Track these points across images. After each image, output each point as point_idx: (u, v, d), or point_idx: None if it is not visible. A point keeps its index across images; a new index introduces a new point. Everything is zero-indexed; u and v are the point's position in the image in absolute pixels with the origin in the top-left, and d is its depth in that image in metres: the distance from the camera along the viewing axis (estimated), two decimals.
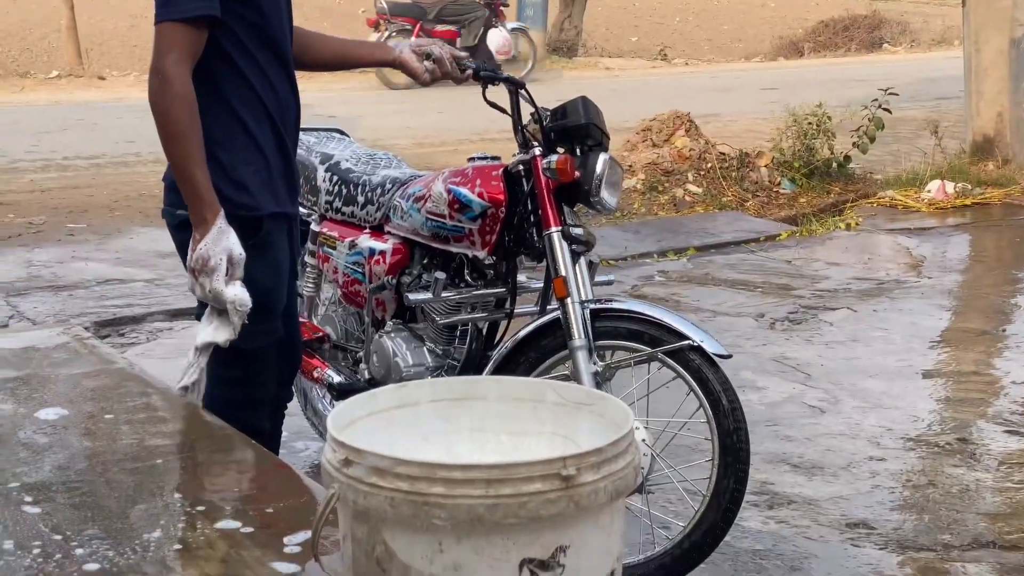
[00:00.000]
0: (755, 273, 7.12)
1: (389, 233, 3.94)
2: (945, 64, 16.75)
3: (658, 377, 3.42)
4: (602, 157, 3.45)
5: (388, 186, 3.97)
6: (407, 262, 3.89)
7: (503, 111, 3.57)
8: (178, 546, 2.20)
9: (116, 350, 5.41)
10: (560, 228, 3.44)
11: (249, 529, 2.25)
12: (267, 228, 2.97)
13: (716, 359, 3.31)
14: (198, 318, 3.11)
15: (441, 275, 3.66)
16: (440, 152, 9.12)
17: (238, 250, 2.81)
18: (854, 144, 9.38)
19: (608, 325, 3.39)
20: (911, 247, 7.82)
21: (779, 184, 9.38)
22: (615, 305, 3.46)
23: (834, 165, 9.52)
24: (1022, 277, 7.31)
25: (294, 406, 4.16)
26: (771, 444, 4.45)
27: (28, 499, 2.41)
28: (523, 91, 3.55)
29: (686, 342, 3.25)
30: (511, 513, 1.55)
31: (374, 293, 3.91)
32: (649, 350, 3.33)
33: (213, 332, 2.96)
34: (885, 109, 9.19)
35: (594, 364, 3.33)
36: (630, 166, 9.34)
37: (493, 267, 3.69)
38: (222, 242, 2.78)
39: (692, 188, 9.18)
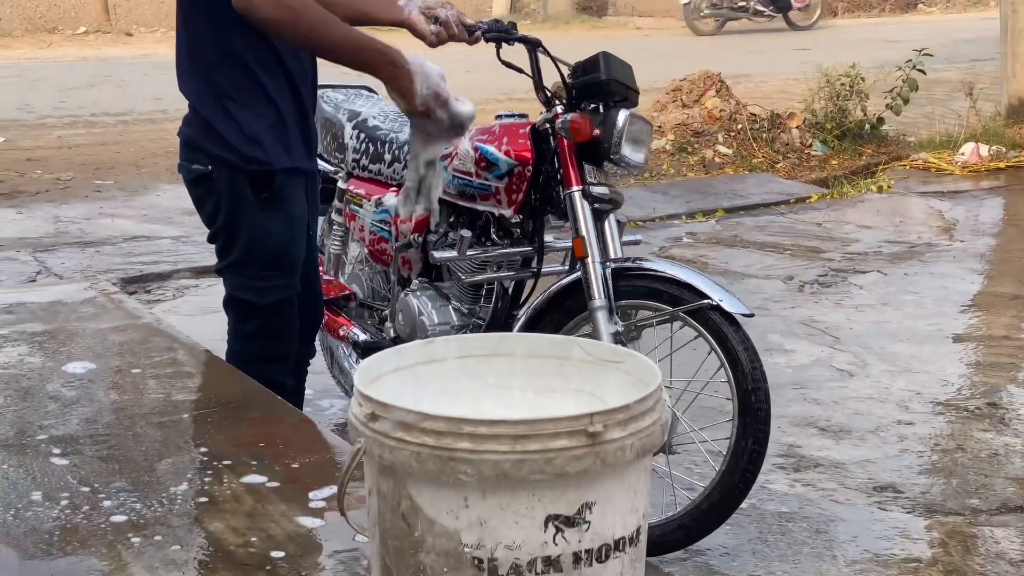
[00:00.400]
0: (784, 235, 7.07)
1: None
2: (981, 25, 16.56)
3: (681, 337, 3.38)
4: (622, 114, 3.38)
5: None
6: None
7: (520, 71, 3.51)
8: (204, 499, 2.21)
9: (143, 306, 5.43)
10: (580, 188, 3.39)
11: (275, 484, 2.26)
12: (280, 183, 2.96)
13: (738, 318, 3.25)
14: (219, 272, 3.11)
15: (467, 233, 3.64)
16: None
17: (438, 69, 2.81)
18: (887, 106, 9.26)
19: (629, 285, 3.34)
20: (943, 210, 7.74)
21: (810, 146, 9.29)
22: (636, 264, 3.40)
23: (867, 127, 9.42)
24: None
25: (320, 364, 4.17)
26: (798, 407, 4.43)
27: (56, 451, 2.43)
28: (541, 48, 3.50)
29: (706, 301, 3.18)
30: (537, 469, 1.54)
31: (400, 251, 3.90)
32: (670, 309, 3.28)
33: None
34: (919, 70, 9.07)
35: (615, 324, 3.29)
36: (659, 127, 9.27)
37: (520, 226, 3.66)
38: (428, 71, 2.77)
39: (722, 149, 9.11)
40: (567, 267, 3.65)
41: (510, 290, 3.80)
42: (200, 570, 1.98)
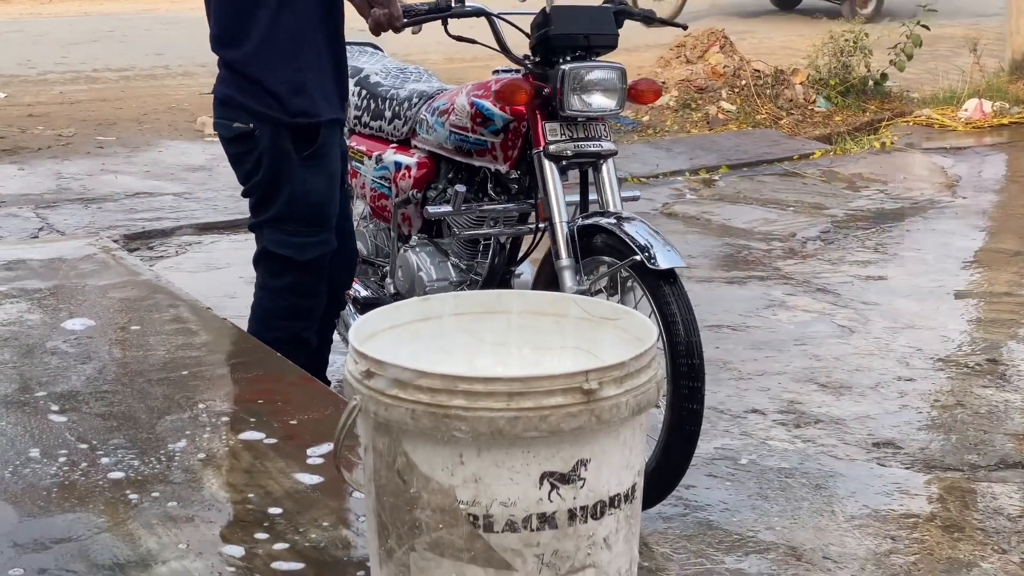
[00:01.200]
0: (787, 192, 7.05)
1: (415, 147, 3.90)
2: None
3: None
4: (561, 68, 3.30)
5: (415, 100, 3.92)
6: (432, 176, 3.85)
7: (473, 42, 3.46)
8: (202, 456, 2.21)
9: (145, 263, 5.43)
10: (541, 148, 3.35)
11: (272, 440, 2.26)
12: (323, 137, 3.00)
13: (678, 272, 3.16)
14: (252, 229, 3.11)
15: (461, 188, 3.63)
16: (472, 67, 9.03)
17: None
18: (891, 62, 9.21)
19: (592, 241, 3.29)
20: (946, 166, 7.71)
21: (814, 102, 9.24)
22: (591, 221, 3.32)
23: (870, 83, 9.37)
24: None
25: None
26: (799, 363, 4.43)
27: (55, 408, 2.43)
28: (496, 17, 3.45)
29: (635, 256, 3.10)
30: (532, 426, 1.54)
31: (399, 207, 3.89)
32: (613, 265, 3.22)
33: None
34: (923, 26, 9.01)
35: (579, 283, 3.26)
36: (663, 83, 9.21)
37: (517, 181, 3.64)
38: None
39: (726, 105, 9.07)
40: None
41: (507, 246, 3.79)
42: (198, 526, 1.98)
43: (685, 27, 3.83)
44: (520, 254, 3.85)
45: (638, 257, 3.07)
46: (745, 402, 4.10)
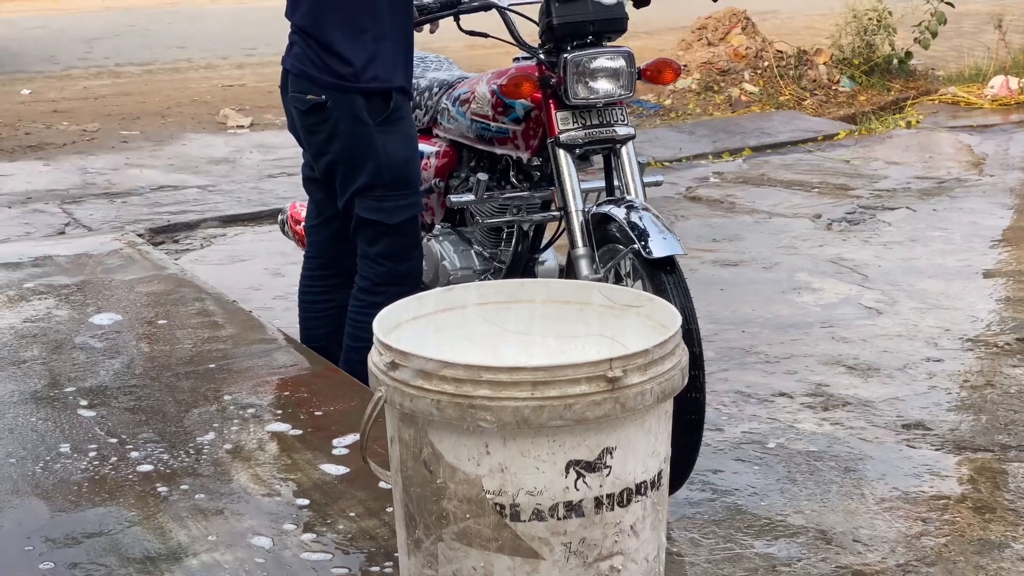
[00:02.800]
0: (812, 173, 7.00)
1: (437, 136, 3.90)
2: None
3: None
4: (563, 58, 3.28)
5: (436, 89, 3.92)
6: (455, 165, 3.85)
7: (485, 35, 3.46)
8: (230, 448, 2.23)
9: (170, 256, 5.45)
10: (554, 138, 3.34)
11: (299, 432, 2.27)
12: (396, 102, 3.11)
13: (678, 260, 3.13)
14: (346, 204, 3.17)
15: (483, 177, 3.62)
16: (493, 54, 9.01)
17: None
18: (915, 40, 9.13)
19: (607, 229, 3.28)
20: (973, 144, 7.64)
21: (838, 82, 9.18)
22: (604, 210, 3.24)
23: (895, 62, 9.29)
24: None
25: None
26: (826, 346, 4.41)
27: (84, 403, 2.45)
28: (505, 9, 3.45)
29: (633, 245, 3.07)
30: (557, 415, 1.54)
31: (422, 196, 3.89)
32: (623, 251, 3.20)
33: None
34: (948, 3, 8.92)
35: (596, 272, 3.25)
36: (685, 65, 9.17)
37: (539, 168, 3.63)
38: None
39: (748, 87, 9.02)
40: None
41: (531, 233, 3.78)
42: (227, 519, 1.99)
43: None
44: (544, 241, 3.84)
45: (636, 245, 3.06)
46: (772, 386, 4.08)
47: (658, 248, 3.02)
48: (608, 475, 1.59)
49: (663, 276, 3.04)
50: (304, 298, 3.37)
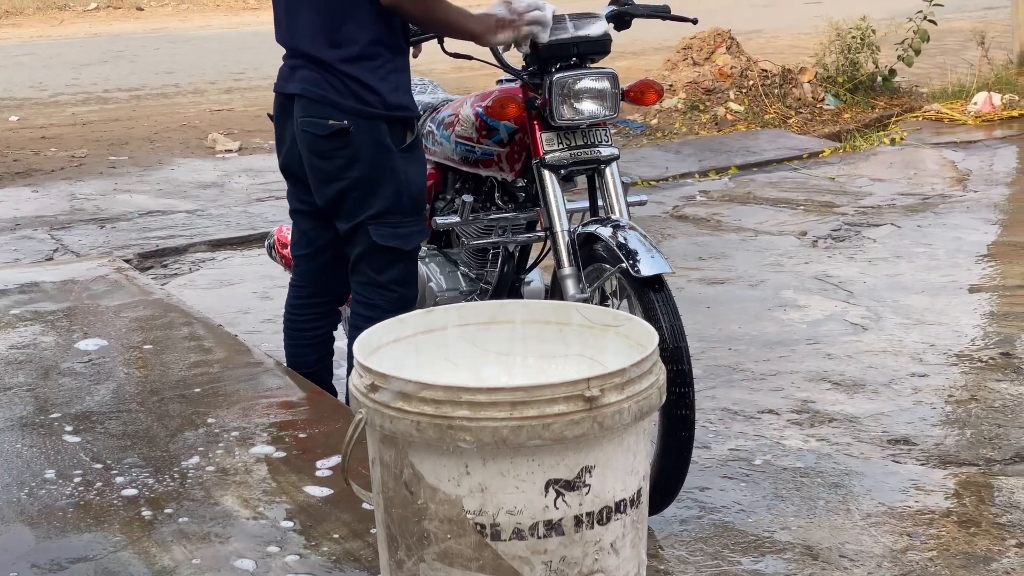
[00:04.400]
0: (798, 191, 7.03)
1: None
2: None
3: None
4: (548, 80, 3.30)
5: (421, 112, 3.94)
6: (440, 187, 3.86)
7: (469, 58, 3.48)
8: (215, 472, 2.24)
9: (158, 281, 5.46)
10: (539, 159, 3.36)
11: (283, 454, 2.28)
12: (417, 130, 3.16)
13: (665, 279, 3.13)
14: (352, 230, 3.20)
15: (468, 198, 3.64)
16: (479, 76, 9.06)
17: None
18: (899, 57, 9.19)
19: (593, 249, 3.29)
20: (957, 161, 7.68)
21: (822, 100, 9.23)
22: (590, 230, 3.25)
23: (879, 79, 9.35)
24: None
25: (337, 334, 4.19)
26: (812, 362, 4.43)
27: (69, 428, 2.46)
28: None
29: (621, 264, 3.09)
30: (535, 435, 1.56)
31: None
32: (610, 270, 3.21)
33: None
34: (930, 21, 8.98)
35: (583, 291, 3.26)
36: (671, 85, 9.22)
37: (523, 190, 3.65)
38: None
39: (734, 106, 9.06)
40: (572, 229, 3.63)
41: (516, 254, 3.80)
42: (211, 542, 2.00)
43: (695, 20, 3.79)
44: (529, 262, 3.86)
45: (624, 264, 3.07)
46: (759, 403, 4.10)
47: (646, 267, 3.04)
48: (587, 493, 1.60)
49: (651, 295, 3.06)
50: (293, 326, 3.36)
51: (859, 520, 3.31)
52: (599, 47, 3.40)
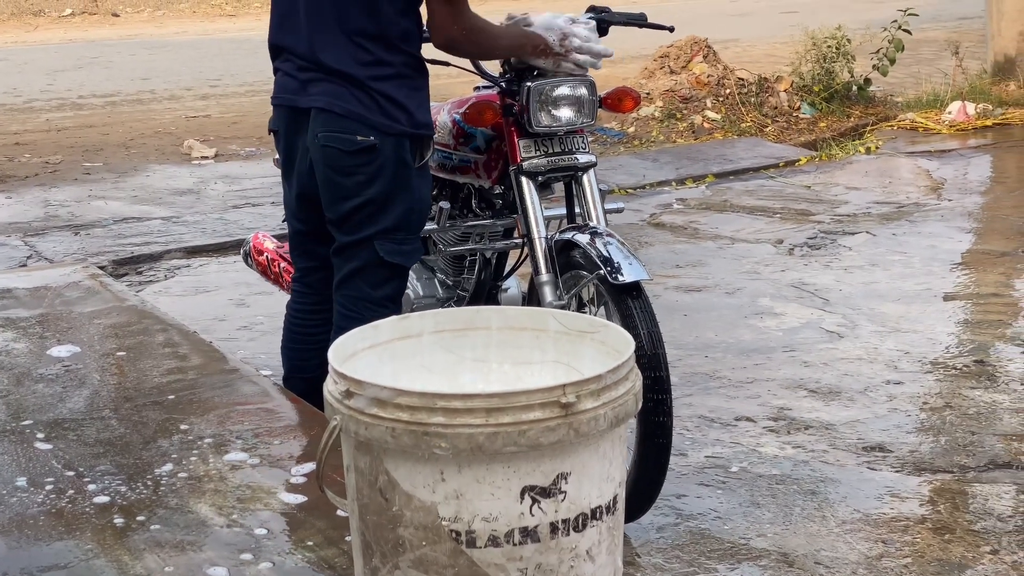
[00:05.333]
0: (774, 199, 7.06)
1: None
2: None
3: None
4: (526, 86, 3.30)
5: None
6: None
7: (445, 64, 3.48)
8: (188, 479, 2.22)
9: (133, 288, 5.43)
10: (516, 166, 3.36)
11: (257, 461, 2.27)
12: (432, 148, 3.17)
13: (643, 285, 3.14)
14: (354, 244, 3.18)
15: (445, 205, 3.63)
16: (457, 83, 9.04)
17: (561, 17, 3.27)
18: (874, 67, 9.24)
19: (571, 255, 3.29)
20: (931, 169, 7.72)
21: (798, 109, 9.26)
22: (567, 236, 3.26)
23: (854, 88, 9.39)
24: None
25: None
26: (788, 370, 4.44)
27: (41, 436, 2.44)
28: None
29: (599, 271, 3.09)
30: (511, 441, 1.55)
31: None
32: (588, 277, 3.21)
33: None
34: (905, 30, 9.03)
35: (560, 298, 3.26)
36: (647, 94, 9.23)
37: (501, 196, 3.65)
38: (552, 25, 3.22)
39: (711, 115, 9.09)
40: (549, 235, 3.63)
41: (493, 261, 3.79)
42: (184, 550, 1.99)
43: (672, 28, 3.80)
44: (506, 269, 3.86)
45: (602, 271, 3.07)
46: (735, 410, 4.10)
47: (625, 274, 3.04)
48: (563, 500, 1.60)
49: (629, 301, 3.06)
50: (296, 330, 3.31)
51: (835, 527, 3.32)
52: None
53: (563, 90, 3.33)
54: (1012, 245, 6.11)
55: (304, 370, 3.17)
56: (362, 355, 1.80)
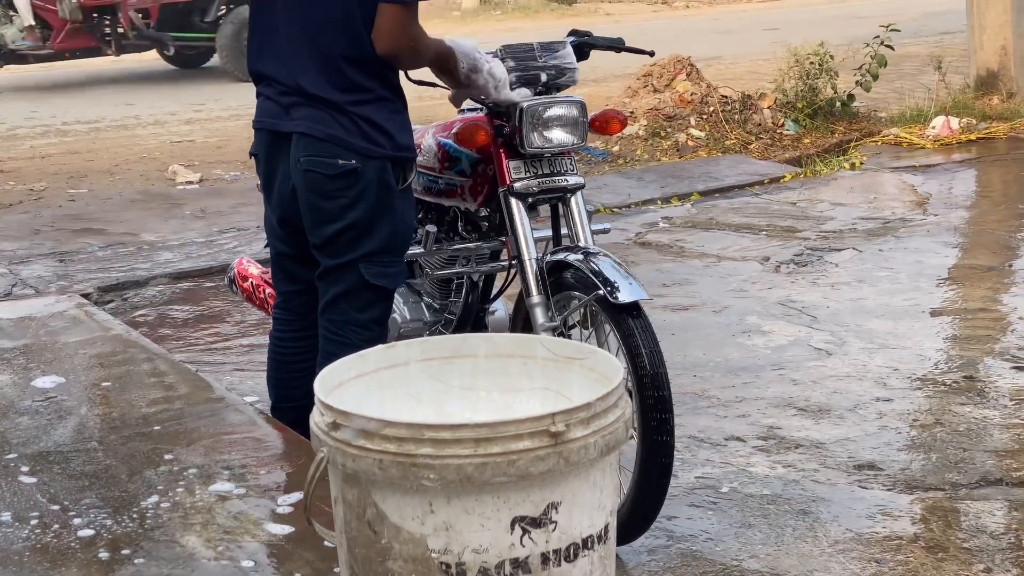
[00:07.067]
0: (760, 216, 7.05)
1: None
2: None
3: None
4: (518, 107, 3.29)
5: None
6: None
7: (433, 85, 3.48)
8: (174, 511, 2.20)
9: (119, 315, 5.40)
10: (507, 187, 3.35)
11: (243, 491, 2.24)
12: (414, 170, 3.17)
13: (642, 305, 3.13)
14: (335, 269, 3.17)
15: (431, 228, 3.62)
16: (441, 105, 9.04)
17: (471, 43, 3.27)
18: (857, 82, 9.26)
19: (562, 276, 3.28)
20: (916, 184, 7.73)
21: (782, 125, 9.28)
22: (559, 257, 3.26)
23: (837, 104, 9.41)
24: None
25: None
26: (777, 388, 4.42)
27: (25, 469, 2.41)
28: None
29: (598, 291, 3.08)
30: (500, 472, 1.53)
31: None
32: (584, 298, 3.20)
33: None
34: (887, 46, 9.05)
35: (552, 320, 3.25)
36: (632, 112, 9.24)
37: (487, 219, 3.64)
38: (465, 49, 3.21)
39: (695, 132, 9.10)
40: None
41: (480, 284, 3.78)
42: None
43: (651, 53, 3.83)
44: (493, 292, 3.84)
45: (601, 291, 3.07)
46: (725, 429, 4.09)
47: (625, 293, 3.05)
48: (554, 530, 1.58)
49: (630, 321, 3.06)
50: (281, 359, 3.29)
51: (827, 547, 3.31)
52: (566, 75, 3.42)
53: (556, 110, 3.33)
54: (998, 259, 6.12)
55: (292, 399, 3.15)
56: (349, 385, 1.79)
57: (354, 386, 1.79)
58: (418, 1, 3.03)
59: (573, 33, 3.59)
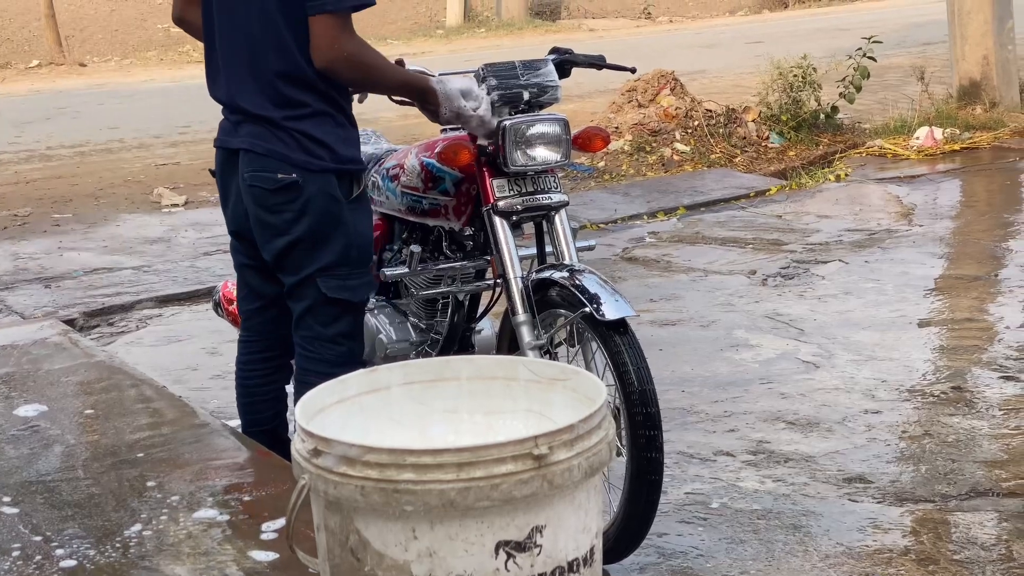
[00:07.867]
0: (746, 229, 7.06)
1: None
2: (930, 8, 16.62)
3: None
4: (501, 126, 3.29)
5: (366, 163, 3.91)
6: (387, 238, 3.83)
7: (414, 105, 3.47)
8: (158, 539, 2.18)
9: (105, 339, 5.37)
10: (490, 205, 3.35)
11: (227, 517, 2.23)
12: (364, 181, 3.17)
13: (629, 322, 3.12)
14: (297, 284, 3.16)
15: (416, 248, 3.61)
16: (425, 124, 9.03)
17: (459, 85, 3.22)
18: (841, 94, 9.29)
19: (547, 294, 3.27)
20: (901, 195, 7.75)
21: (767, 138, 9.29)
22: (544, 275, 3.26)
23: (821, 117, 9.43)
24: (1013, 221, 7.24)
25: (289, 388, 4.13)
26: (766, 402, 4.42)
27: (7, 499, 2.39)
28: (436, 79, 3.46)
29: (584, 308, 3.07)
30: (483, 496, 1.52)
31: None
32: (571, 316, 3.19)
33: None
34: (870, 58, 9.09)
35: (538, 338, 3.24)
36: (616, 128, 9.25)
37: (471, 238, 3.63)
38: (450, 93, 3.18)
39: (680, 147, 9.11)
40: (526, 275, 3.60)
41: (466, 303, 3.77)
42: None
43: (633, 70, 3.84)
44: (480, 311, 3.83)
45: (587, 309, 3.06)
46: (714, 444, 4.08)
47: (611, 310, 3.05)
48: (539, 554, 1.57)
49: (617, 338, 3.05)
50: (246, 383, 3.28)
51: (818, 561, 3.30)
52: (549, 93, 3.42)
53: (539, 128, 3.33)
54: (984, 269, 6.12)
55: (260, 423, 3.15)
56: (330, 410, 1.77)
57: (336, 411, 1.77)
58: (350, 11, 3.00)
59: (555, 51, 3.60)
